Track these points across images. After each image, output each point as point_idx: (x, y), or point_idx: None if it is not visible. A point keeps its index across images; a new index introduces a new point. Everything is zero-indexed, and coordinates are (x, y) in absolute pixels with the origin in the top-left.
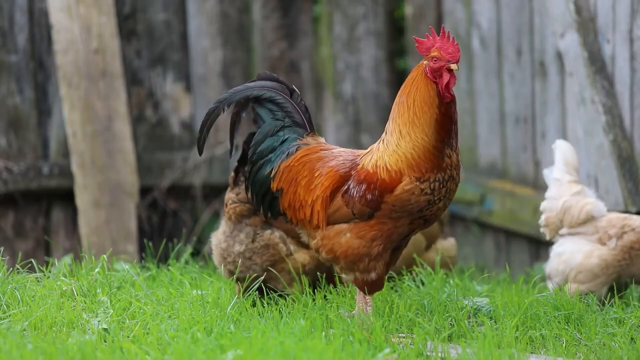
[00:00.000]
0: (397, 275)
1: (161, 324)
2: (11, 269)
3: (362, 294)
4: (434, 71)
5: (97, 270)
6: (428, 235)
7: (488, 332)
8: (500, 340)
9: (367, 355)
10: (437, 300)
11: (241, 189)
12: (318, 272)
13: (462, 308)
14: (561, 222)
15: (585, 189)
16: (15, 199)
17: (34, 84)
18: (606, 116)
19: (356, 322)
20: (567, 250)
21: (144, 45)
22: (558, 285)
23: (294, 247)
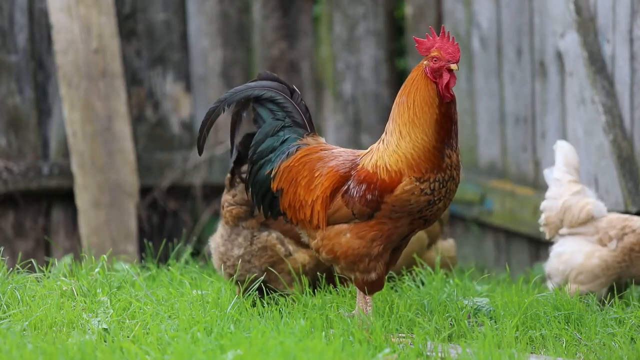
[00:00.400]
0: (397, 275)
1: (161, 324)
2: (11, 269)
3: (362, 294)
4: (434, 71)
5: (97, 270)
6: (430, 233)
7: (488, 332)
8: (500, 340)
9: (367, 355)
10: (437, 300)
11: (237, 191)
12: (318, 272)
13: (462, 308)
14: (561, 222)
15: (585, 189)
16: (15, 199)
17: (34, 84)
18: (606, 116)
19: (356, 322)
20: (568, 250)
21: (144, 45)
22: (558, 285)
23: (293, 247)
